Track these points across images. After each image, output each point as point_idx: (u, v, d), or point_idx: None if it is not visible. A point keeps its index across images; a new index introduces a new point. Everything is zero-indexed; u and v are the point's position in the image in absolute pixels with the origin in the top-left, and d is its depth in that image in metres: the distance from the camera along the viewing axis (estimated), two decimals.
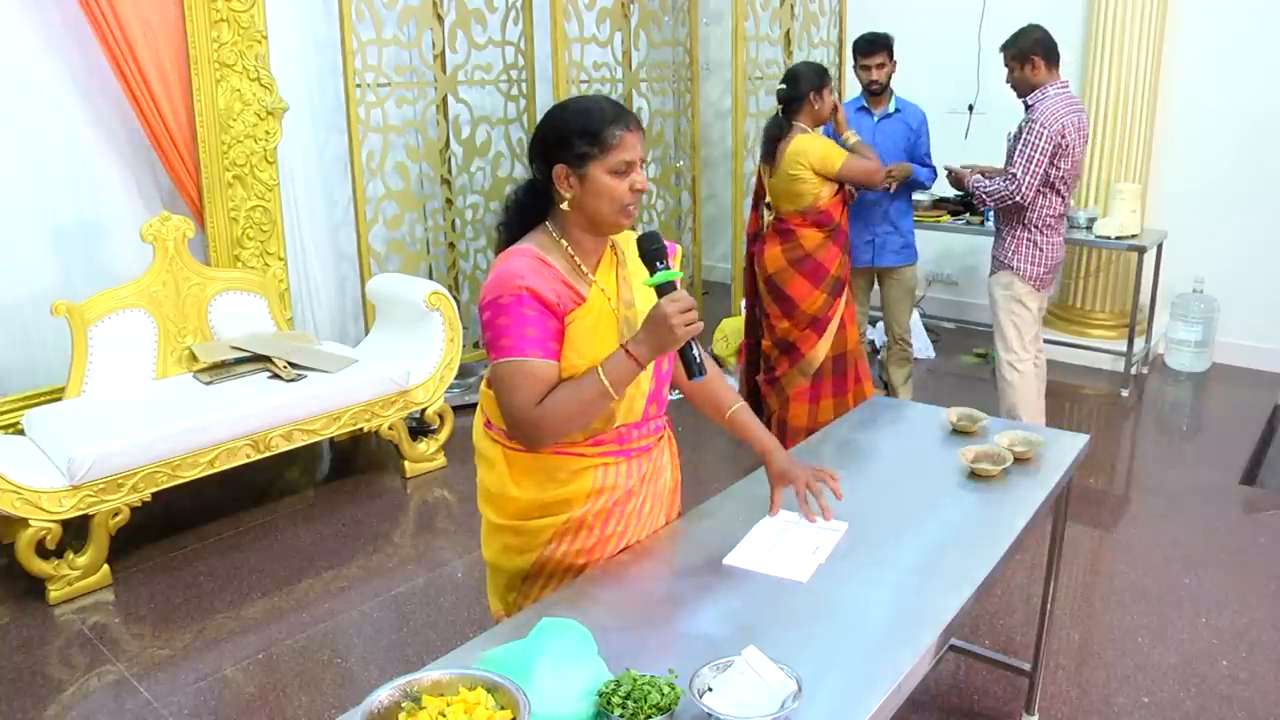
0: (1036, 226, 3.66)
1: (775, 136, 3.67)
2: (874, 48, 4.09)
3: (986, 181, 3.73)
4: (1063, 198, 3.66)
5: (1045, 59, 3.59)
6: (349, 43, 4.18)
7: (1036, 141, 3.52)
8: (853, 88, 5.61)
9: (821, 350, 3.71)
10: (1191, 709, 2.55)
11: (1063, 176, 3.60)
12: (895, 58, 4.15)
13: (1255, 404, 4.78)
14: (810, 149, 3.55)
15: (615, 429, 1.78)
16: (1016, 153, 3.59)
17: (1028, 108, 3.63)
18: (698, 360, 1.65)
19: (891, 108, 4.22)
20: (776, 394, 3.83)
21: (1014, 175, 3.57)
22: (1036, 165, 3.53)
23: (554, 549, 1.79)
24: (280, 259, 4.12)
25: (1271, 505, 3.76)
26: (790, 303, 3.69)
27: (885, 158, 4.13)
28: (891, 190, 4.11)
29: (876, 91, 4.15)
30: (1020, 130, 3.64)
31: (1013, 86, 3.70)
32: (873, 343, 5.52)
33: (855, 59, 4.16)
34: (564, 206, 1.69)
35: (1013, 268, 3.72)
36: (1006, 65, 3.68)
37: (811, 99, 3.58)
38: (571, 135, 1.65)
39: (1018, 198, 3.58)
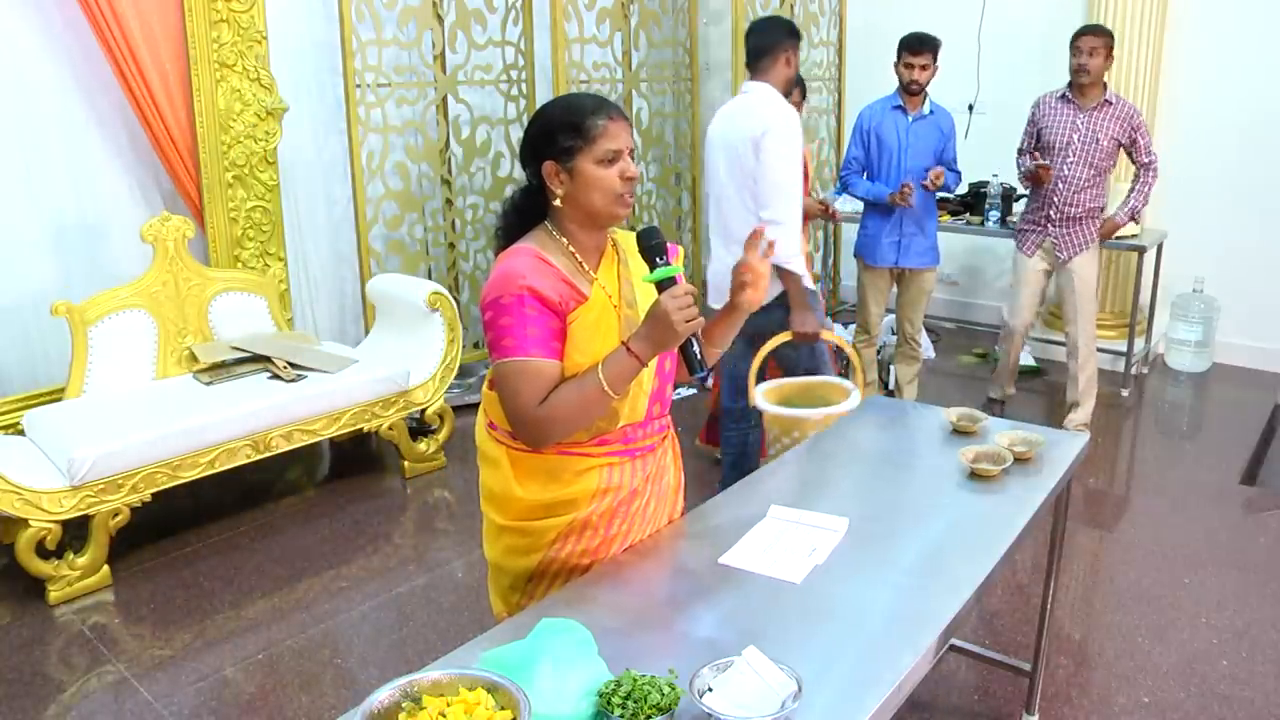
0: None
1: None
2: (922, 46, 4.06)
3: (1138, 198, 4.21)
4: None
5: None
6: (349, 43, 4.18)
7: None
8: (855, 87, 5.64)
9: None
10: (1191, 709, 2.55)
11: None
12: (938, 62, 4.12)
13: (1255, 404, 4.78)
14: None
15: (620, 428, 1.77)
16: (1139, 140, 4.10)
17: (1108, 102, 4.07)
18: (699, 357, 1.65)
19: (926, 109, 4.20)
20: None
21: (1154, 155, 4.12)
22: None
23: (559, 549, 1.78)
24: (280, 259, 4.12)
25: (1271, 505, 3.76)
26: None
27: (917, 160, 4.15)
28: (929, 189, 4.11)
29: (915, 92, 4.12)
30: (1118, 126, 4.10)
31: (1091, 78, 4.03)
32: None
33: (900, 55, 4.11)
34: (558, 203, 1.69)
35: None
36: (1091, 53, 3.96)
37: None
38: (556, 130, 1.66)
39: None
